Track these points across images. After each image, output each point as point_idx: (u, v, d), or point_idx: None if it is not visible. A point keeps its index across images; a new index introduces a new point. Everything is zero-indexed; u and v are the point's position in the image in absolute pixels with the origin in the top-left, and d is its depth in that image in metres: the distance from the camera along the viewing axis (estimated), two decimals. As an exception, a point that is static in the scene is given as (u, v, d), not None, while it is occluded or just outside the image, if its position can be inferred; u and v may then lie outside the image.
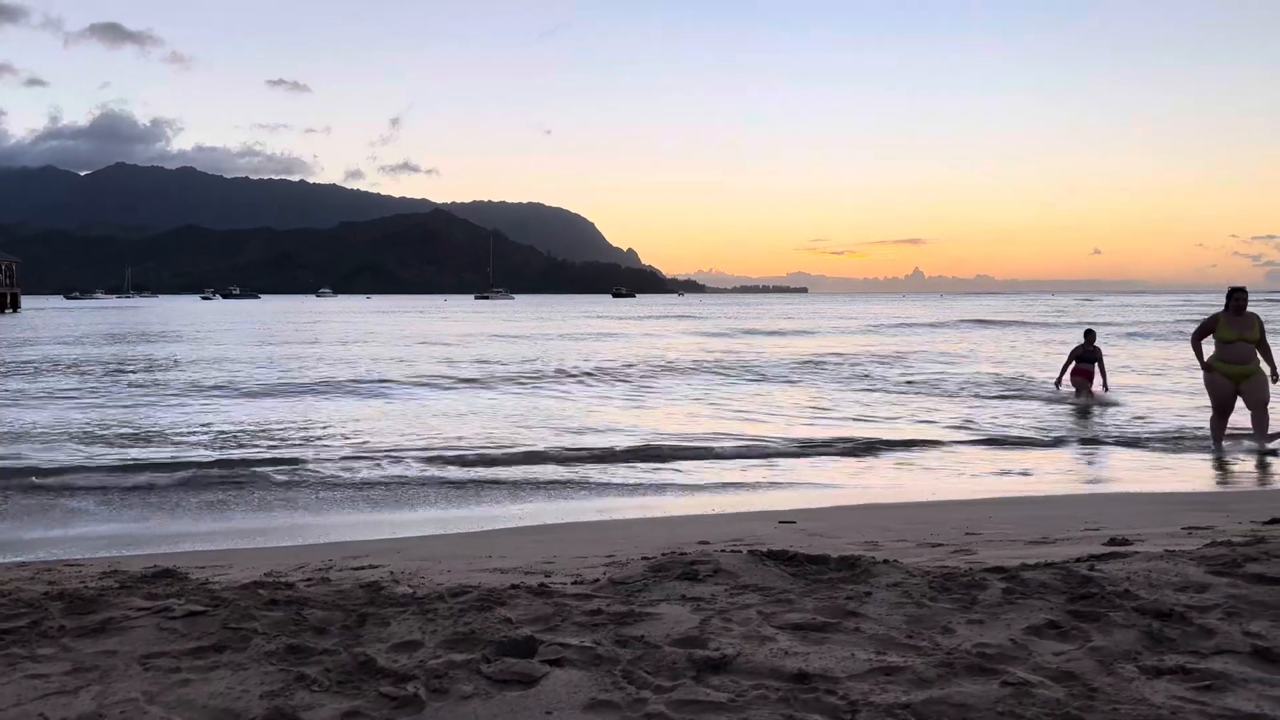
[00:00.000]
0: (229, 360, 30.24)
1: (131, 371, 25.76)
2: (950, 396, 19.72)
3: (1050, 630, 3.15)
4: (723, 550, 4.73)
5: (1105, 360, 18.63)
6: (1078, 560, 4.10)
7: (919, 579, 3.77)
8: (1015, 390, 20.61)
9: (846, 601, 3.53)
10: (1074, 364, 18.42)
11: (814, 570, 4.06)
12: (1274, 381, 12.38)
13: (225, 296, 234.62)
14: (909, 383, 22.60)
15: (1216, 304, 13.79)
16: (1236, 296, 12.20)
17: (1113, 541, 5.25)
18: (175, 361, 29.81)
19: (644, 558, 4.79)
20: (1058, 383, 18.53)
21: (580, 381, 23.65)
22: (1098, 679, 2.78)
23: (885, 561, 4.20)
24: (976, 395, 19.86)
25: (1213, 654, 2.96)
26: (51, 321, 70.49)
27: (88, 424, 14.87)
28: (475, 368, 27.51)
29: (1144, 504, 8.55)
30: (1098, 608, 3.34)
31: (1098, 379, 18.11)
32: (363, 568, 5.44)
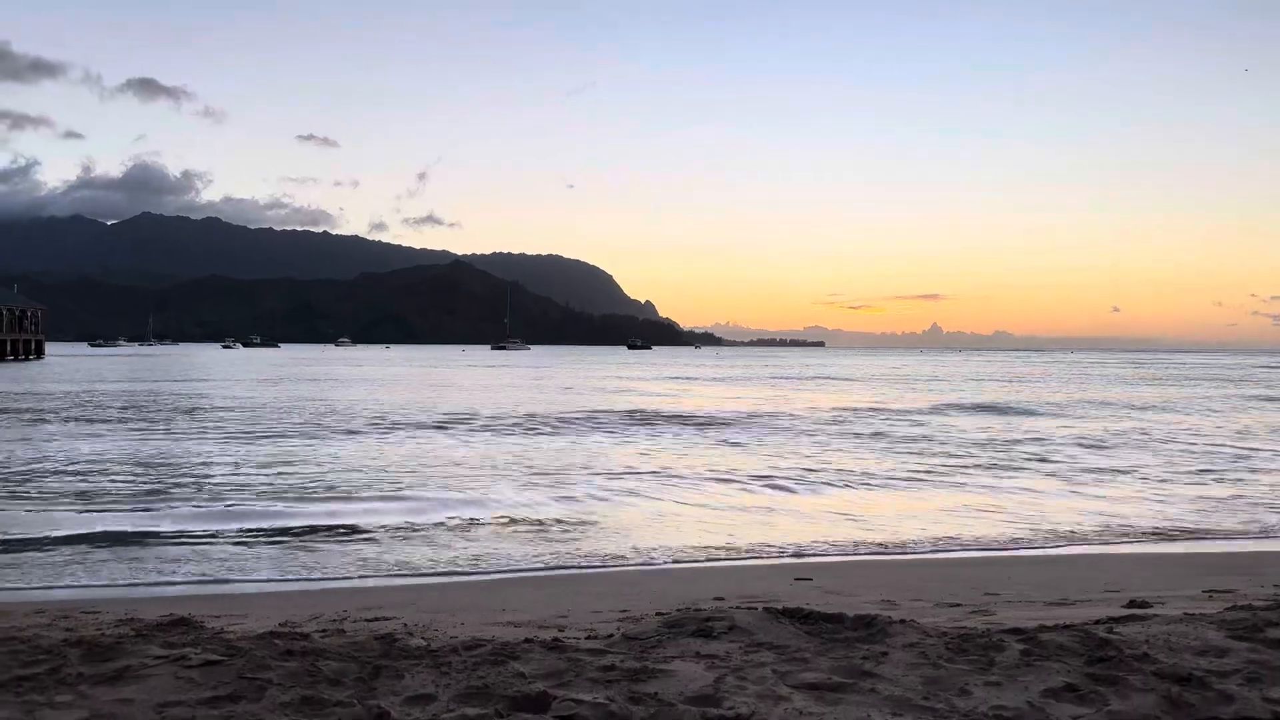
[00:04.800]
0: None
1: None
2: None
3: (1068, 693, 3.13)
4: (738, 607, 4.71)
5: None
6: (1096, 622, 4.06)
7: (936, 639, 3.75)
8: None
9: (862, 661, 3.51)
10: None
11: (829, 629, 4.04)
12: None
13: (246, 345, 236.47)
14: None
15: (1241, 364, 12.83)
16: None
17: (1132, 604, 5.20)
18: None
19: (658, 613, 4.78)
20: None
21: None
22: (1116, 744, 2.76)
23: (902, 621, 4.18)
24: None
25: (1233, 720, 2.93)
26: (72, 373, 71.05)
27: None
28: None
29: (1166, 566, 8.45)
30: (1116, 671, 3.31)
31: None
32: (376, 619, 5.44)
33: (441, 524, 10.97)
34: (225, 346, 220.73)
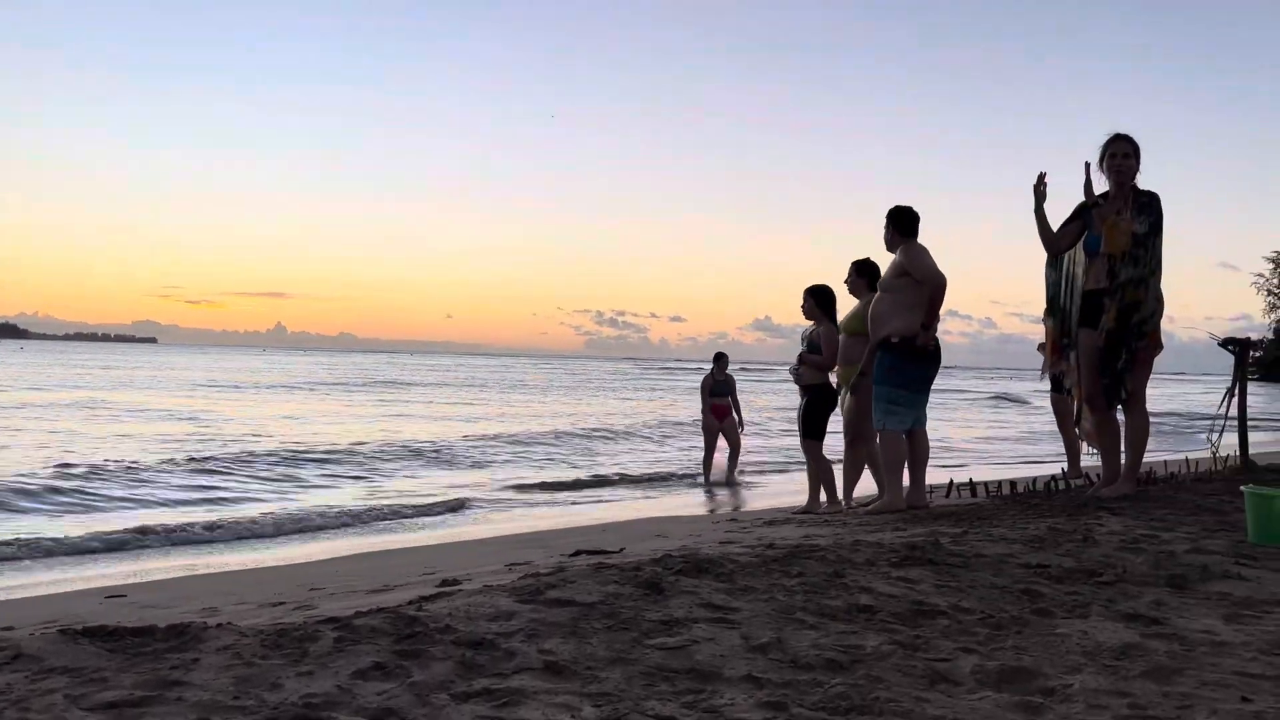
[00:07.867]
0: None
1: None
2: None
3: (375, 672, 3.32)
4: (31, 633, 4.15)
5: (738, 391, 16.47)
6: (409, 603, 4.36)
7: (252, 638, 3.70)
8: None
9: (171, 671, 3.34)
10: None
11: (137, 643, 3.75)
12: None
13: None
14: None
15: (551, 365, 15.82)
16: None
17: (445, 583, 5.68)
18: None
19: (-77, 654, 4.00)
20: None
21: None
22: (414, 711, 3.00)
23: (219, 625, 4.04)
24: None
25: (513, 673, 3.37)
26: None
27: None
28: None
29: (479, 548, 9.39)
30: (420, 645, 3.59)
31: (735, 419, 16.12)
32: None
33: None
34: None
